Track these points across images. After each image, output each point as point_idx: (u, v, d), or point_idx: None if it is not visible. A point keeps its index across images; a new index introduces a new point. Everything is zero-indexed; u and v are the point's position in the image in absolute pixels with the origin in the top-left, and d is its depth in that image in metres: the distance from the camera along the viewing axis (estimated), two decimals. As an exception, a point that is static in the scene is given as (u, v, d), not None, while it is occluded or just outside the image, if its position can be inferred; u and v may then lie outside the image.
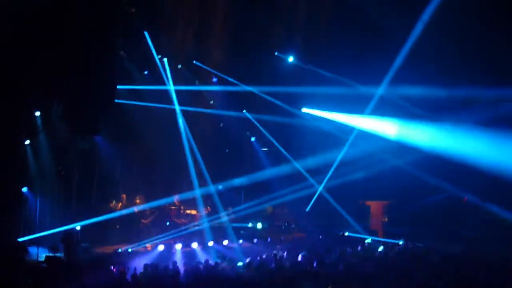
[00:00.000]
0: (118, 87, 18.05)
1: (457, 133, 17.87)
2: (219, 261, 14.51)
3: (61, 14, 14.37)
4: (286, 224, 21.47)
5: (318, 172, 21.43)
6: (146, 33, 18.51)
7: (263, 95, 20.91)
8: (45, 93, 16.17)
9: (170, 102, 19.89)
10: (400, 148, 19.32)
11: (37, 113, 17.25)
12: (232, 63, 20.16)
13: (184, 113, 20.30)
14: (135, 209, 18.51)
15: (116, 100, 18.02)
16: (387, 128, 19.51)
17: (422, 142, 18.67)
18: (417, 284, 11.25)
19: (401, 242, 17.36)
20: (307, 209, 21.41)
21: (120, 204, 19.53)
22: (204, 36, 19.43)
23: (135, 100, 19.20)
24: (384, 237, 19.37)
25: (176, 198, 20.06)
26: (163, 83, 19.67)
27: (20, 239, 15.28)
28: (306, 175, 21.55)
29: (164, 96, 19.92)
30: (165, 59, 19.67)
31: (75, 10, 14.63)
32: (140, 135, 19.94)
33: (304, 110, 21.50)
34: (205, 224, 19.15)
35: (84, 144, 18.21)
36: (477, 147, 17.26)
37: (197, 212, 20.43)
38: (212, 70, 20.37)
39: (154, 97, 19.68)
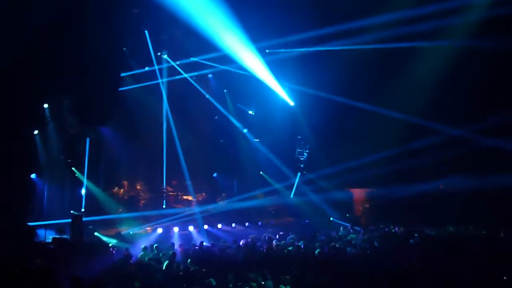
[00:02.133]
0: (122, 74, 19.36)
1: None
2: (213, 242, 15.70)
3: (71, 16, 15.35)
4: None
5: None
6: (146, 32, 19.67)
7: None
8: (53, 87, 17.17)
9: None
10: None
11: (45, 105, 18.41)
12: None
13: (179, 107, 21.33)
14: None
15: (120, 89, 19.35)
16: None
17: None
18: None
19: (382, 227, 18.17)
20: (291, 196, 22.44)
21: (122, 190, 20.72)
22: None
23: (138, 95, 20.26)
24: (366, 223, 20.33)
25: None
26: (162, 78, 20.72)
27: (29, 223, 15.83)
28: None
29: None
30: (165, 56, 20.64)
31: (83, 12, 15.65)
32: (142, 129, 20.85)
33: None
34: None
35: (92, 135, 19.31)
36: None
37: (192, 198, 21.54)
38: (209, 63, 20.91)
39: (154, 91, 20.77)
